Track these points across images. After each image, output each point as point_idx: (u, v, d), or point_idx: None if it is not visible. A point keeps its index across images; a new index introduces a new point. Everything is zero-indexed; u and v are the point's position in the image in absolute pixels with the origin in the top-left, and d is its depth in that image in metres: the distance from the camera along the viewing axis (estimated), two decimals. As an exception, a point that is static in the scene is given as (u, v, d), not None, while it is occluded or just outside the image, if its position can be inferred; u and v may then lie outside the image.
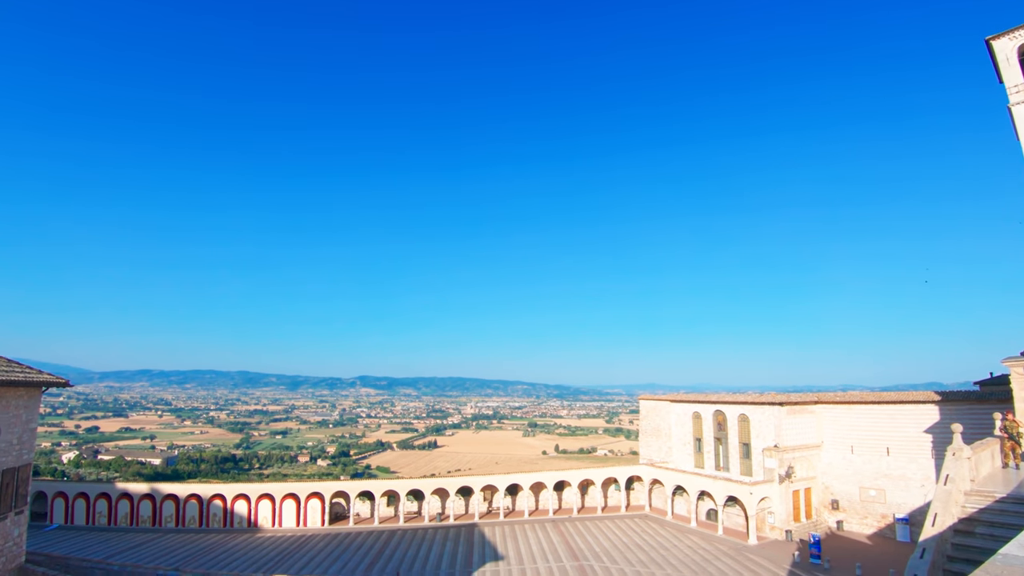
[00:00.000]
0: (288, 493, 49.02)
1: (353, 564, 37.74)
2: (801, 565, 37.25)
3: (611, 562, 38.06)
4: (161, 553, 38.40)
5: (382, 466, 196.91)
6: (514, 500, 55.54)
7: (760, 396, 50.07)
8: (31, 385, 20.90)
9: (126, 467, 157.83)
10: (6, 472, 20.29)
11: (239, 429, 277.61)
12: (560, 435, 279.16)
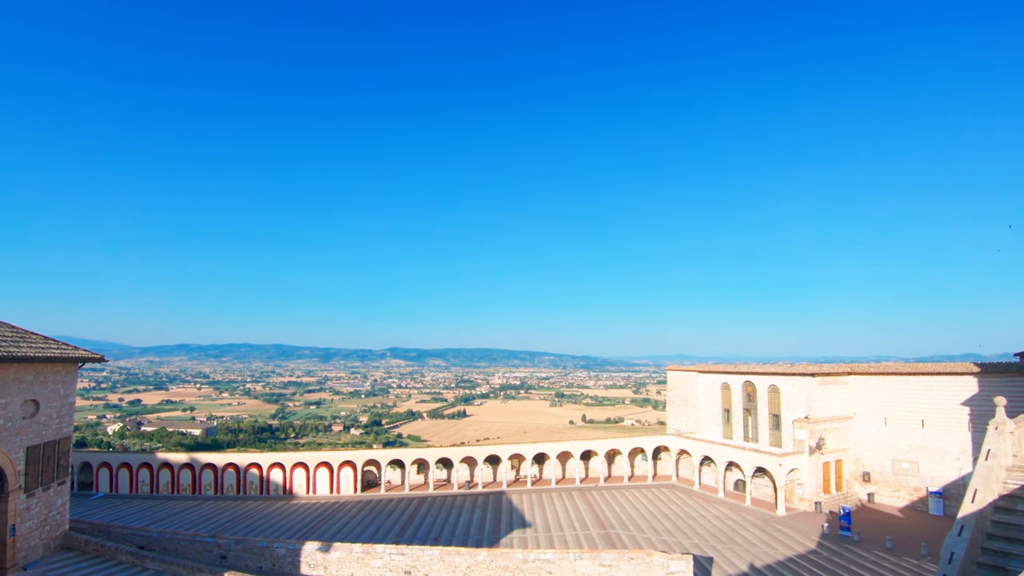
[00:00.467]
0: (321, 461, 50.65)
1: (384, 530, 38.97)
2: (830, 537, 37.15)
3: (637, 531, 38.53)
4: (200, 520, 40.17)
5: (413, 435, 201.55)
6: (541, 469, 56.43)
7: (791, 367, 49.37)
8: (67, 361, 21.89)
9: (168, 438, 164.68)
10: (47, 445, 21.48)
11: (274, 400, 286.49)
12: (587, 405, 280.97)
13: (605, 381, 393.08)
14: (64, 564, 21.51)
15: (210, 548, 27.30)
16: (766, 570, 31.76)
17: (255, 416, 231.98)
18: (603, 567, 25.62)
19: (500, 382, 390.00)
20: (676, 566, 25.30)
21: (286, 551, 27.04)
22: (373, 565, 26.51)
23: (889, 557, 33.47)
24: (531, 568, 25.91)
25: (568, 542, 36.10)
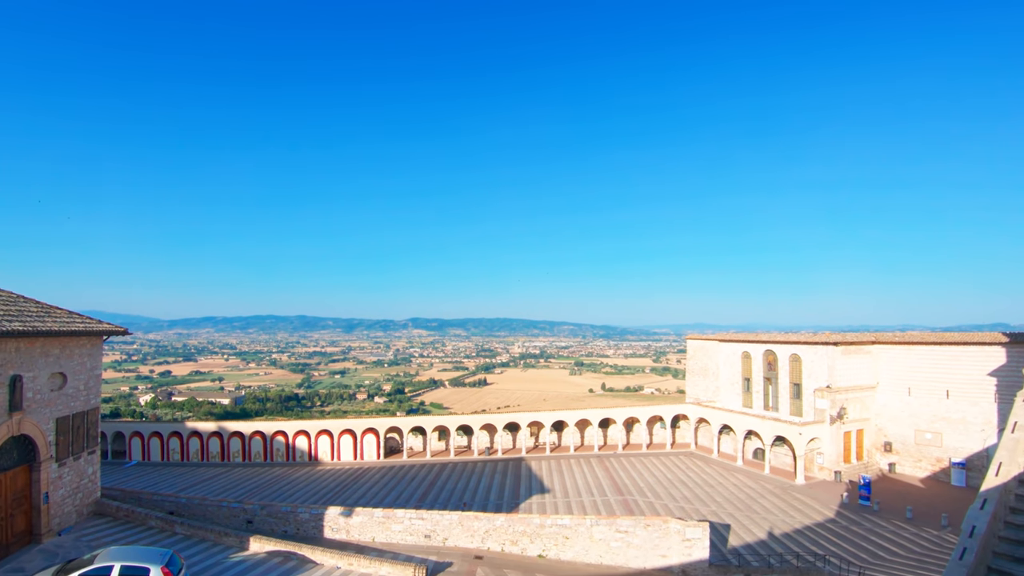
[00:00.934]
0: (345, 429, 51.80)
1: (407, 495, 39.88)
2: (849, 506, 37.03)
3: (655, 497, 38.85)
4: (228, 486, 41.51)
5: (435, 402, 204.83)
6: (560, 436, 57.03)
7: (813, 335, 48.62)
8: (92, 334, 22.38)
9: (198, 407, 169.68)
10: (76, 416, 22.15)
11: (300, 370, 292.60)
12: (606, 374, 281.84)
13: (625, 350, 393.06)
14: (96, 529, 22.43)
15: (236, 513, 28.19)
16: (784, 538, 31.87)
17: (282, 385, 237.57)
18: (619, 533, 25.86)
19: (520, 351, 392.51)
20: (693, 533, 25.43)
21: (309, 516, 27.77)
22: (394, 529, 27.14)
23: (909, 527, 33.30)
24: (548, 533, 26.29)
25: (586, 508, 36.55)
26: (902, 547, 30.76)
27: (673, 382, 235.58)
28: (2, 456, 18.23)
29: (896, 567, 28.00)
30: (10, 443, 18.52)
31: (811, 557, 28.70)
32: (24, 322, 18.34)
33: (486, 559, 24.99)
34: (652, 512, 35.29)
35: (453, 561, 24.36)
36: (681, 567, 25.21)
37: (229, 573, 20.52)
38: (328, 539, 27.10)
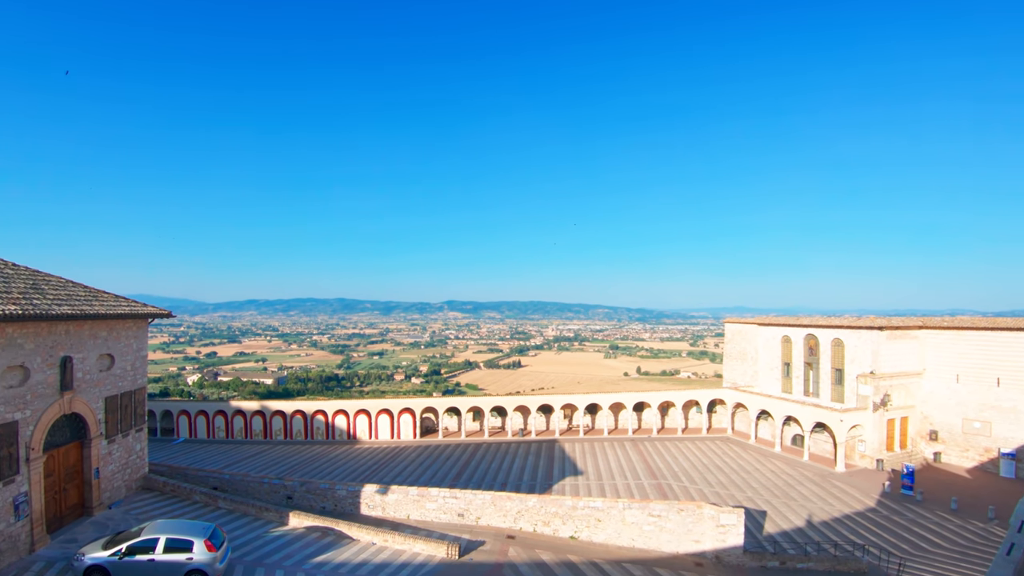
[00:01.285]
0: (382, 408, 52.87)
1: (442, 473, 40.53)
2: (891, 495, 35.90)
3: (690, 482, 38.44)
4: (270, 463, 42.91)
5: (471, 383, 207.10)
6: (593, 419, 56.92)
7: (857, 320, 46.94)
8: (138, 317, 23.29)
9: (242, 387, 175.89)
10: (123, 395, 23.18)
11: (340, 351, 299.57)
12: (642, 357, 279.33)
13: (661, 334, 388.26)
14: (144, 503, 23.58)
15: (277, 489, 29.18)
16: (822, 526, 31.15)
17: (322, 366, 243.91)
18: (652, 517, 25.71)
19: (554, 334, 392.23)
20: (727, 519, 25.08)
21: (347, 492, 28.53)
22: (428, 507, 27.66)
23: (953, 519, 32.11)
24: (580, 515, 26.34)
25: (619, 491, 36.44)
26: (946, 539, 29.70)
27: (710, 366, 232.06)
28: (55, 433, 19.22)
29: (939, 560, 27.07)
30: (62, 421, 19.51)
31: (849, 546, 28.00)
32: (73, 306, 19.17)
33: (518, 539, 25.25)
34: (686, 497, 34.96)
35: (486, 540, 24.70)
36: (715, 553, 24.95)
37: (269, 547, 21.32)
38: (364, 516, 27.81)
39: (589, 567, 22.40)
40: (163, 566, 16.50)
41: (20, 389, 17.10)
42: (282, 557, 20.46)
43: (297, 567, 19.75)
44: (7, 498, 16.67)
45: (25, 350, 17.24)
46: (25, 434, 17.31)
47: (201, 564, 16.68)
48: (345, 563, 20.76)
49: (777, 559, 25.31)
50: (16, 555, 17.07)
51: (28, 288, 18.34)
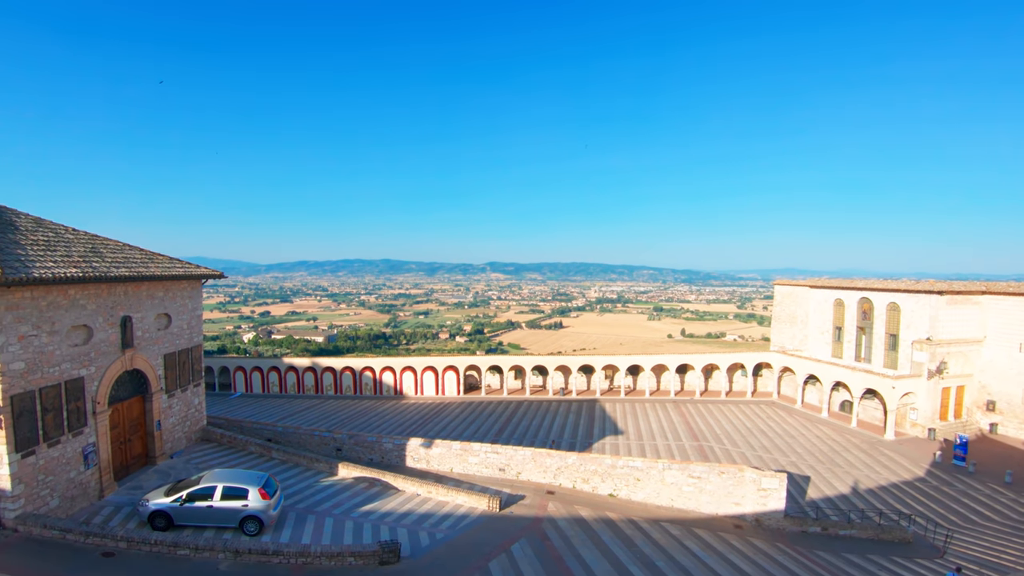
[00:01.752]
0: (427, 366, 54.15)
1: (485, 429, 41.41)
2: (942, 465, 34.67)
3: (732, 445, 38.10)
4: (321, 417, 44.67)
5: (512, 343, 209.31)
6: (635, 380, 56.78)
7: (915, 283, 44.62)
8: (192, 278, 24.24)
9: (294, 344, 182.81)
10: (181, 352, 24.36)
11: (387, 310, 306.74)
12: (687, 319, 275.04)
13: (707, 295, 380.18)
14: (203, 453, 25.07)
15: (327, 441, 30.46)
16: (867, 494, 30.48)
17: (370, 325, 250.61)
18: (692, 478, 25.66)
19: (596, 295, 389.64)
20: (769, 483, 24.80)
21: (393, 445, 29.53)
22: (470, 461, 28.39)
23: (1006, 492, 30.82)
24: (619, 474, 26.51)
25: (659, 451, 36.49)
26: (997, 512, 28.62)
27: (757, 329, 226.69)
28: (119, 388, 20.47)
29: (988, 533, 26.16)
30: (125, 376, 20.74)
31: (895, 515, 27.35)
32: (130, 268, 20.09)
33: (557, 494, 25.71)
34: (728, 459, 34.70)
35: (526, 494, 25.24)
36: (755, 516, 24.82)
37: (319, 495, 22.40)
38: (409, 468, 28.75)
39: (627, 524, 22.67)
40: (220, 512, 17.60)
41: (84, 347, 18.20)
42: (332, 505, 21.49)
43: (346, 515, 20.72)
44: (77, 448, 17.98)
45: (87, 310, 18.25)
46: (91, 389, 18.50)
47: (255, 511, 17.69)
48: (391, 512, 21.65)
49: (819, 525, 25.00)
50: (87, 500, 18.52)
51: (88, 252, 19.28)
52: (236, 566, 15.42)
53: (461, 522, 21.35)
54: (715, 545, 21.43)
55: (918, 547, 24.13)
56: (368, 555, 16.33)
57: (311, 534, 18.59)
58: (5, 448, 15.16)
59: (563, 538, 20.42)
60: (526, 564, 17.85)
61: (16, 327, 15.36)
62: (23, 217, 19.05)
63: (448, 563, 17.38)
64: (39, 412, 16.19)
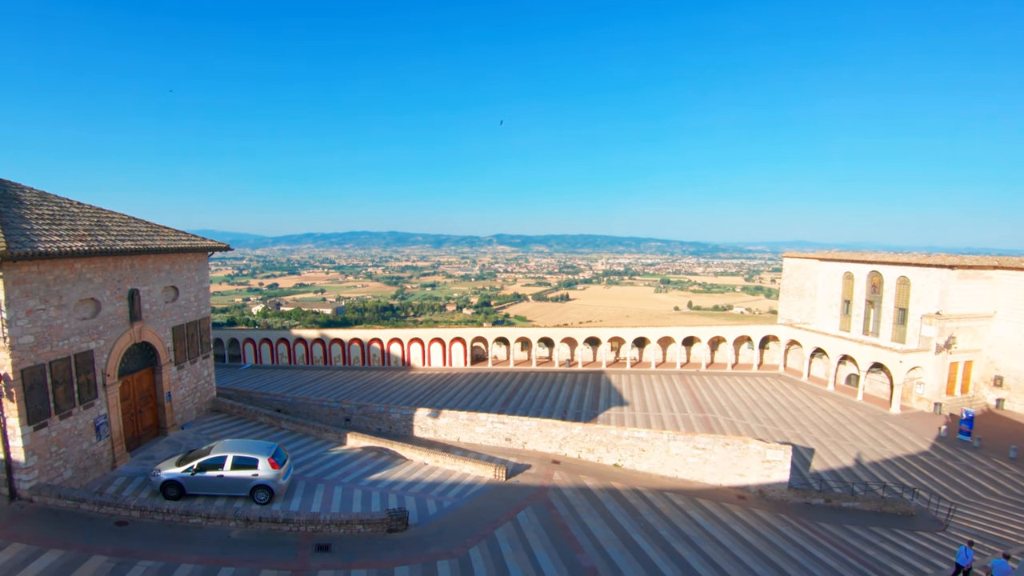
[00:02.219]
0: (435, 337, 54.49)
1: (491, 399, 41.80)
2: (947, 440, 34.75)
3: (737, 417, 38.30)
4: (329, 388, 45.17)
5: (519, 315, 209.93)
6: (641, 352, 56.94)
7: (926, 257, 44.08)
8: (198, 250, 24.22)
9: (303, 316, 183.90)
10: (189, 325, 24.49)
11: (394, 283, 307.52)
12: (694, 292, 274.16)
13: (715, 268, 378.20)
14: (213, 424, 25.44)
15: (336, 412, 30.81)
16: (871, 467, 30.67)
17: (377, 297, 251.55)
18: (697, 450, 25.83)
19: (603, 268, 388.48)
20: (774, 455, 24.94)
21: (400, 415, 29.84)
22: (477, 431, 28.70)
23: (1011, 467, 30.92)
24: (624, 444, 26.71)
25: (664, 422, 36.71)
26: (1001, 487, 28.76)
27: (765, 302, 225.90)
28: (129, 360, 20.67)
29: (991, 507, 26.33)
30: (134, 349, 20.92)
31: (899, 488, 27.55)
32: (136, 241, 20.07)
33: (563, 464, 26.00)
34: (733, 431, 34.93)
35: (532, 464, 25.54)
36: (758, 487, 25.05)
37: (328, 465, 22.75)
38: (417, 438, 29.05)
39: (631, 494, 22.94)
40: (231, 481, 17.92)
41: (93, 321, 18.31)
42: (340, 474, 21.83)
43: (355, 484, 21.06)
44: (88, 420, 18.25)
45: (94, 284, 18.30)
46: (100, 362, 18.67)
47: (265, 480, 17.99)
48: (399, 481, 21.99)
49: (822, 496, 25.22)
50: (100, 471, 18.89)
51: (93, 225, 19.25)
52: (247, 534, 15.75)
53: (468, 491, 21.65)
54: (718, 515, 21.68)
55: (921, 520, 24.34)
56: (377, 523, 16.63)
57: (320, 502, 18.93)
58: (18, 421, 15.38)
59: (568, 507, 20.71)
60: (532, 532, 18.14)
61: (24, 301, 15.44)
62: (27, 191, 19.00)
63: (455, 530, 17.69)
64: (50, 385, 16.38)
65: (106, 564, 13.43)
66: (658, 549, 17.75)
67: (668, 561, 16.95)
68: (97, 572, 13.07)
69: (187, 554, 14.29)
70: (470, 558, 15.91)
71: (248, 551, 14.82)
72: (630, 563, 16.51)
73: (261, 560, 14.40)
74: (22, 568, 12.83)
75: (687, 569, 16.56)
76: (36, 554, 13.46)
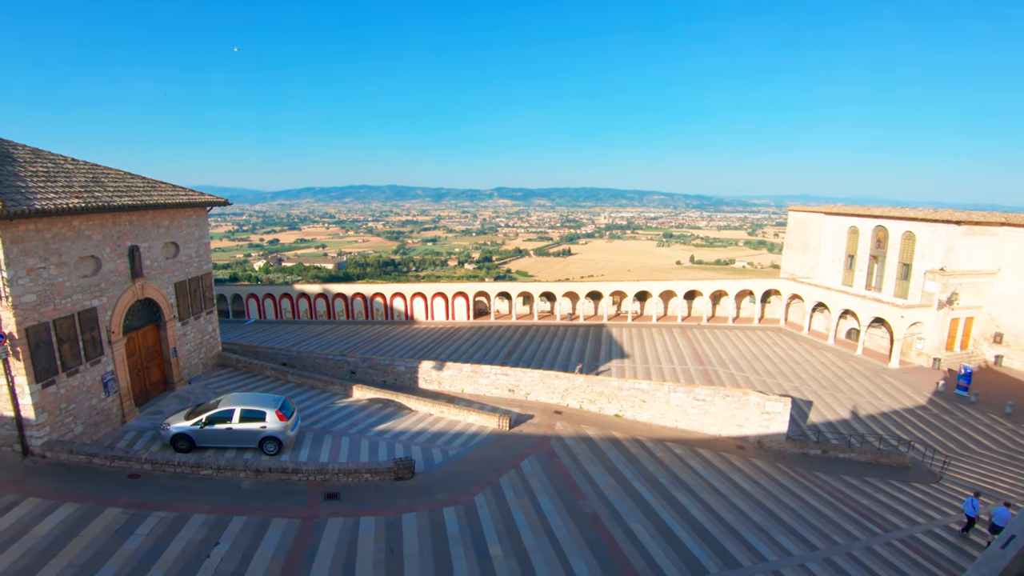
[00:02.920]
0: (437, 292, 54.60)
1: (494, 352, 42.18)
2: (944, 395, 35.15)
3: (736, 369, 38.70)
4: (334, 341, 45.46)
5: (521, 270, 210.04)
6: (643, 306, 57.13)
7: (933, 212, 43.53)
8: (196, 205, 23.94)
9: (305, 272, 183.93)
10: (191, 280, 24.48)
11: (395, 237, 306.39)
12: (696, 246, 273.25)
13: (719, 222, 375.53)
14: (220, 378, 25.75)
15: (341, 365, 31.17)
16: (868, 419, 31.15)
17: (379, 252, 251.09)
18: (697, 401, 26.19)
19: (606, 222, 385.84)
20: (773, 407, 25.29)
21: (405, 368, 30.19)
22: (481, 383, 29.10)
23: (1006, 423, 31.39)
24: (625, 395, 27.08)
25: (665, 375, 37.14)
26: (995, 442, 29.27)
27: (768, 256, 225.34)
28: (132, 317, 20.74)
29: (985, 461, 26.85)
30: (137, 305, 20.96)
31: (895, 441, 28.03)
32: (133, 196, 19.79)
33: (565, 414, 26.44)
34: (732, 383, 35.35)
35: (534, 414, 25.97)
36: (757, 438, 25.51)
37: (335, 416, 23.16)
38: (422, 389, 29.49)
39: (632, 443, 23.41)
40: (239, 433, 18.28)
41: (94, 278, 18.27)
42: (347, 425, 22.26)
43: (361, 434, 21.49)
44: (95, 376, 18.45)
45: (93, 241, 18.17)
46: (104, 319, 18.74)
47: (274, 432, 18.35)
48: (405, 431, 22.43)
49: (819, 447, 25.71)
50: (110, 426, 19.23)
51: (89, 181, 18.94)
52: (257, 484, 16.15)
53: (472, 440, 22.11)
54: (717, 464, 22.17)
55: (916, 472, 24.87)
56: (384, 471, 17.03)
57: (328, 453, 19.36)
58: (26, 379, 15.54)
59: (570, 455, 21.17)
60: (535, 479, 18.60)
61: (23, 260, 15.36)
62: (20, 148, 18.61)
63: (460, 478, 18.13)
64: (55, 343, 16.48)
65: (120, 516, 13.81)
66: (658, 496, 18.22)
67: (667, 508, 17.42)
68: (112, 523, 13.45)
69: (199, 504, 14.69)
70: (475, 504, 16.36)
71: (259, 500, 15.23)
72: (630, 509, 16.99)
73: (272, 509, 14.81)
74: (39, 521, 13.20)
75: (686, 515, 17.04)
76: (52, 508, 13.81)
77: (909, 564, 15.88)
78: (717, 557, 14.78)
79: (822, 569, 14.82)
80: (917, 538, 17.82)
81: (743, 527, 16.73)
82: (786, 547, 15.84)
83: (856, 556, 15.87)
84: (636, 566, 13.94)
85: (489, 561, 13.52)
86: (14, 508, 13.63)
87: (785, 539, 16.33)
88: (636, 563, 14.06)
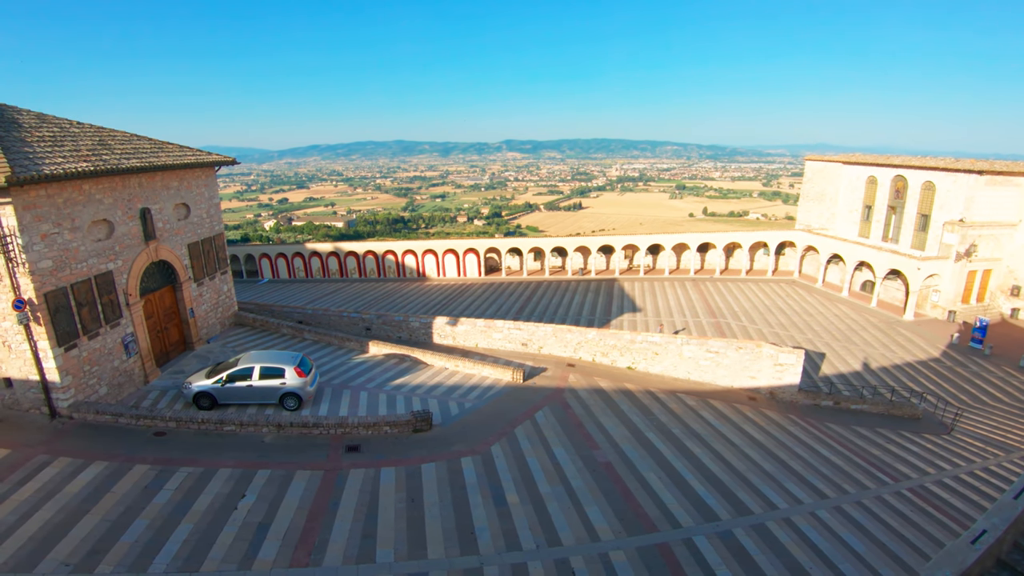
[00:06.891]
0: (448, 248, 54.62)
1: (506, 307, 42.42)
2: (958, 347, 34.93)
3: (749, 321, 38.65)
4: (348, 299, 45.84)
5: (531, 225, 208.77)
6: (655, 259, 56.82)
7: (955, 162, 42.25)
8: (204, 165, 23.79)
9: (315, 230, 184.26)
10: (204, 241, 24.57)
11: (403, 194, 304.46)
12: (710, 198, 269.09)
13: (733, 173, 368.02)
14: (238, 337, 26.18)
15: (356, 322, 31.49)
16: (881, 371, 31.16)
17: (388, 209, 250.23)
18: (710, 353, 26.16)
19: (618, 174, 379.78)
20: (786, 358, 25.26)
21: (420, 324, 30.44)
22: (494, 337, 29.30)
23: (1020, 376, 31.24)
24: (638, 348, 27.11)
25: (677, 327, 37.20)
26: (1008, 395, 29.19)
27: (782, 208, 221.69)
28: (149, 279, 20.97)
29: (997, 414, 26.85)
30: (152, 268, 21.14)
31: (907, 393, 28.07)
32: (141, 158, 19.67)
33: (578, 367, 26.61)
34: (745, 335, 35.33)
35: (548, 367, 26.16)
36: (769, 389, 25.63)
37: (352, 372, 23.57)
38: (436, 344, 29.72)
39: (644, 395, 23.62)
40: (260, 390, 18.69)
41: (108, 242, 18.37)
42: (365, 380, 22.66)
43: (379, 388, 21.90)
44: (116, 338, 18.79)
45: (105, 205, 18.19)
46: (121, 282, 18.94)
47: (293, 388, 18.74)
48: (421, 385, 22.81)
49: (831, 399, 25.84)
50: (134, 386, 19.71)
51: (96, 144, 18.81)
52: (279, 438, 16.62)
53: (487, 393, 22.42)
54: (729, 415, 22.39)
55: (927, 423, 24.97)
56: (402, 424, 17.43)
57: (347, 407, 19.80)
58: (48, 344, 15.84)
59: (583, 406, 21.46)
60: (549, 429, 18.95)
61: (37, 226, 15.43)
62: (25, 114, 18.43)
63: (477, 429, 18.52)
64: (74, 307, 16.72)
65: (149, 472, 14.31)
66: (670, 446, 18.52)
67: (680, 457, 17.73)
68: (141, 479, 13.95)
69: (225, 459, 15.17)
70: (492, 454, 16.76)
71: (282, 454, 15.70)
72: (643, 459, 17.31)
73: (295, 462, 15.28)
74: (71, 479, 13.71)
75: (698, 464, 17.34)
76: (82, 466, 14.30)
77: (919, 513, 16.13)
78: (728, 504, 15.09)
79: (832, 517, 15.10)
80: (927, 488, 18.05)
81: (754, 475, 17.01)
82: (797, 495, 16.12)
83: (866, 505, 16.13)
84: (650, 513, 14.29)
85: (506, 508, 13.92)
86: (46, 468, 14.11)
87: (796, 487, 16.60)
88: (649, 510, 14.41)
